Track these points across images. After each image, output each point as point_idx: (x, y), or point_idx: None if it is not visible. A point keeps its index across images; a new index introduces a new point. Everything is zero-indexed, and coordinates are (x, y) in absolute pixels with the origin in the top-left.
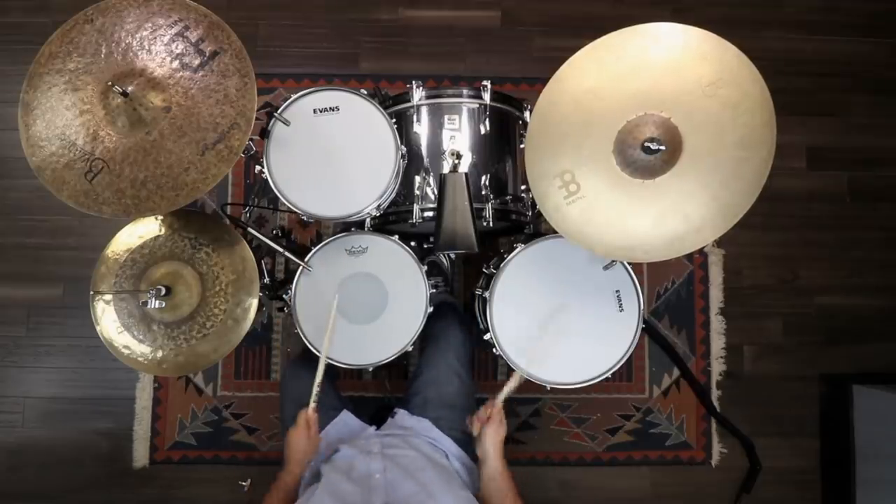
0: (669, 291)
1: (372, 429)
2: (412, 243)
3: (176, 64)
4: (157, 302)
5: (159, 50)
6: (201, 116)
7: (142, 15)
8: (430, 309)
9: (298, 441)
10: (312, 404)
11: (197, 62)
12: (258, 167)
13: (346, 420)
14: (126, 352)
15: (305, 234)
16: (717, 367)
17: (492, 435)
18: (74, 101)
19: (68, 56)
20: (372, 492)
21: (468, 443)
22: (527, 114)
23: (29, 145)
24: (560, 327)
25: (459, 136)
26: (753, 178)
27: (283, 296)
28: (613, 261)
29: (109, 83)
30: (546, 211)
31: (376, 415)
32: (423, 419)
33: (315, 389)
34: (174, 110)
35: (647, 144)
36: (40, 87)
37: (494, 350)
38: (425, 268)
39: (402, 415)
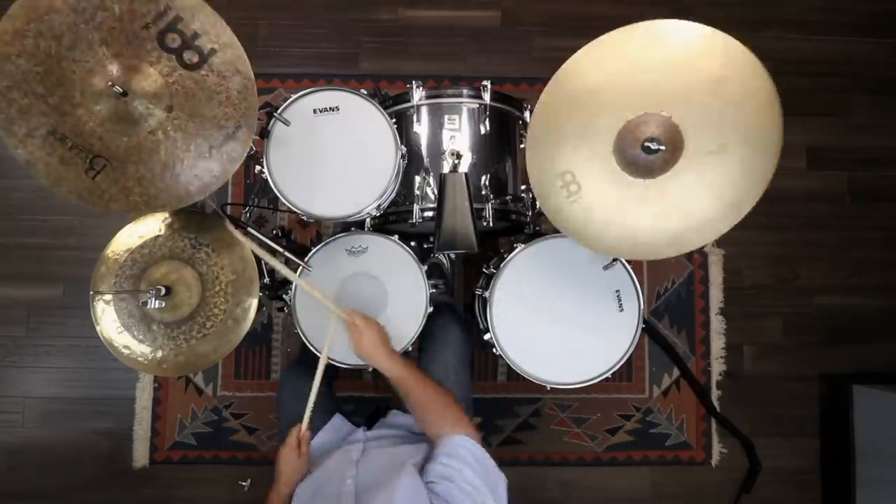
0: (669, 291)
1: (360, 431)
2: (412, 243)
3: (173, 60)
4: (157, 302)
5: (152, 44)
6: (205, 118)
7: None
8: (430, 309)
9: (289, 460)
10: (306, 423)
11: (195, 60)
12: (258, 167)
13: (337, 424)
14: (126, 352)
15: (305, 234)
16: (717, 367)
17: (357, 342)
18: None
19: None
20: (340, 498)
21: None
22: (527, 114)
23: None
24: (560, 327)
25: (459, 136)
26: (758, 177)
27: (283, 296)
28: (613, 260)
29: (109, 83)
30: (548, 210)
31: (372, 415)
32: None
33: (308, 409)
34: (176, 111)
35: (646, 145)
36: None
37: (494, 350)
38: (425, 268)
39: (394, 414)
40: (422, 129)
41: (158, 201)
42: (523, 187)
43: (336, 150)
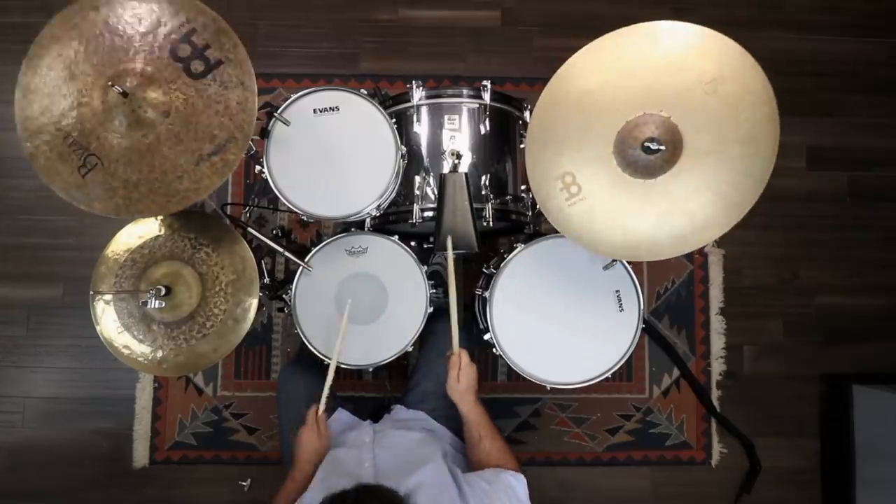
0: (669, 291)
1: (367, 422)
2: (412, 243)
3: (179, 69)
4: (157, 302)
5: (163, 53)
6: (199, 126)
7: (149, 12)
8: (431, 309)
9: (309, 440)
10: (323, 403)
11: (201, 69)
12: (258, 167)
13: (341, 417)
14: (126, 352)
15: (305, 234)
16: (717, 367)
17: (454, 379)
18: (72, 91)
19: (69, 42)
20: (362, 479)
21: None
22: (527, 114)
23: (24, 129)
24: (560, 327)
25: (459, 136)
26: (758, 175)
27: (283, 296)
28: (613, 261)
29: (110, 83)
30: (548, 213)
31: (374, 414)
32: (419, 412)
33: (325, 393)
34: (173, 116)
35: (646, 144)
36: (39, 69)
37: (494, 350)
38: (426, 268)
39: (398, 409)
40: (422, 128)
41: (140, 205)
42: (523, 187)
43: (336, 150)
